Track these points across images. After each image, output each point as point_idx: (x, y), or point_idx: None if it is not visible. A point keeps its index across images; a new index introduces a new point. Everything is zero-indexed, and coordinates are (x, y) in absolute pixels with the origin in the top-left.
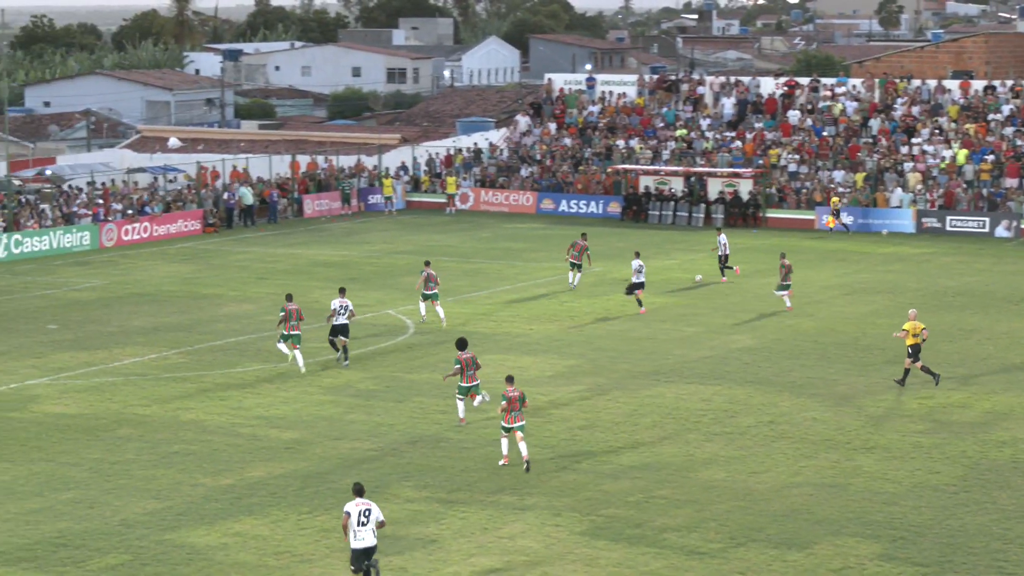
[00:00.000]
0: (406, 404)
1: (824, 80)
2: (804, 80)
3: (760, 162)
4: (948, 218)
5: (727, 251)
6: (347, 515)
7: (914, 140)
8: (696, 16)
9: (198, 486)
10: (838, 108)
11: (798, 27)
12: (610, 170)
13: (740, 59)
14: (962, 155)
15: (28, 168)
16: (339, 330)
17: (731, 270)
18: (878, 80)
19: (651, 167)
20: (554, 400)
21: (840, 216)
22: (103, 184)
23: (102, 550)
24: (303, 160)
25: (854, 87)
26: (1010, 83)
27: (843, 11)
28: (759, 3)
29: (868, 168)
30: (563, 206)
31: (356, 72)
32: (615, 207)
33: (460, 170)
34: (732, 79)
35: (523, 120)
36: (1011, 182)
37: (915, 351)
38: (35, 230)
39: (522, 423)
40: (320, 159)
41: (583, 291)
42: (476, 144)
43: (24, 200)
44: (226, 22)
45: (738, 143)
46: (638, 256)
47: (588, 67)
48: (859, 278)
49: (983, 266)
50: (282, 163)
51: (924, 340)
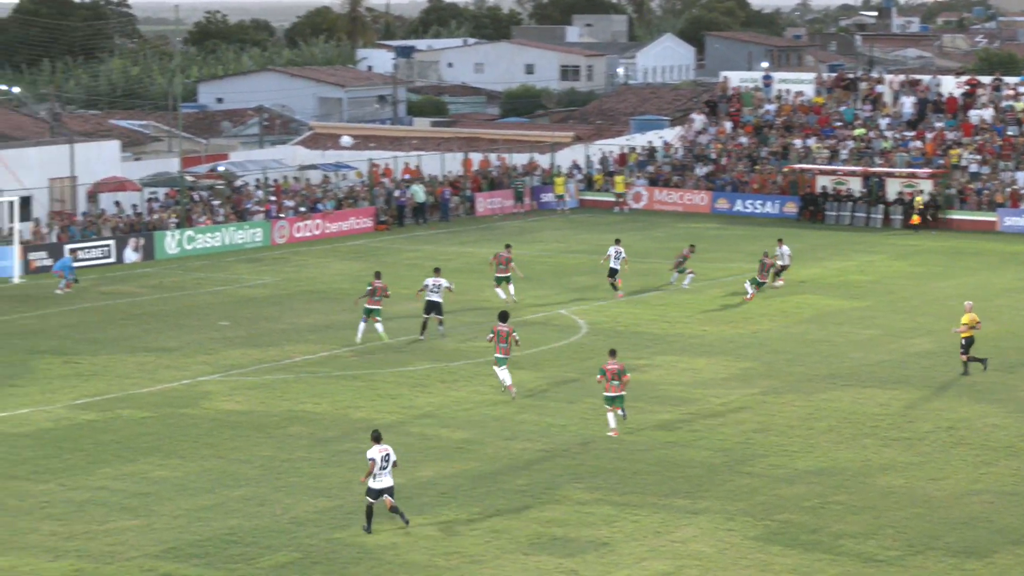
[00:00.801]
0: (578, 405)
1: (1007, 79)
2: (986, 79)
3: (940, 162)
4: None
5: (788, 263)
6: (372, 461)
7: None
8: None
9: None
10: (1021, 107)
11: (980, 24)
12: (786, 169)
13: (920, 57)
14: None
15: (201, 164)
16: (432, 307)
17: (776, 280)
18: None
19: (828, 167)
20: (728, 403)
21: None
22: (275, 181)
23: (272, 548)
24: (475, 158)
25: None
26: None
27: None
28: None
29: None
30: (738, 206)
31: (529, 69)
32: (791, 207)
33: (634, 168)
34: (912, 77)
35: (698, 118)
36: None
37: (968, 344)
38: (208, 227)
39: (622, 394)
40: (492, 157)
41: (760, 292)
42: (650, 142)
43: (197, 197)
44: (399, 19)
45: (918, 143)
46: (618, 243)
47: (764, 65)
48: None
49: None
50: (454, 161)
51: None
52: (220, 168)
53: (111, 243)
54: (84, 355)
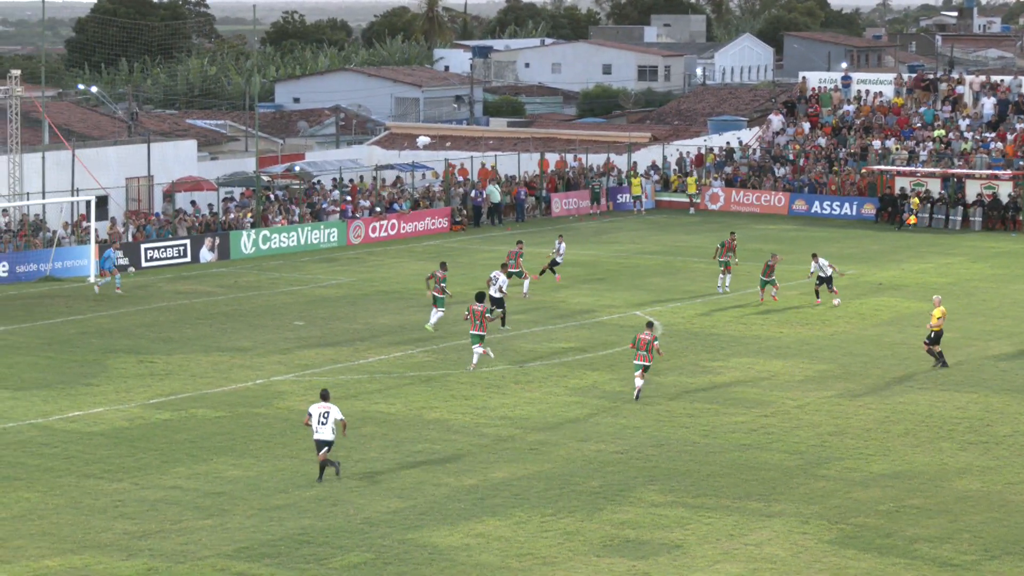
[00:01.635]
0: (652, 407)
1: None
2: None
3: (1021, 163)
4: None
5: (827, 272)
6: (309, 415)
7: None
8: (956, 13)
9: (441, 486)
10: None
11: None
12: (865, 171)
13: (1001, 57)
14: None
15: (277, 164)
16: (493, 302)
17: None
18: None
19: (907, 168)
20: (803, 405)
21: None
22: (351, 181)
23: (344, 548)
24: (552, 158)
25: None
26: None
27: None
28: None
29: None
30: (816, 207)
31: (607, 69)
32: (869, 209)
33: (711, 169)
34: (993, 78)
35: (776, 119)
36: None
37: (937, 337)
38: (283, 226)
39: (647, 364)
40: (569, 157)
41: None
42: (728, 143)
43: (273, 196)
44: (476, 19)
45: (998, 144)
46: (561, 239)
47: (844, 65)
48: None
49: None
50: (531, 161)
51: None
52: (296, 168)
53: (187, 243)
54: (159, 354)
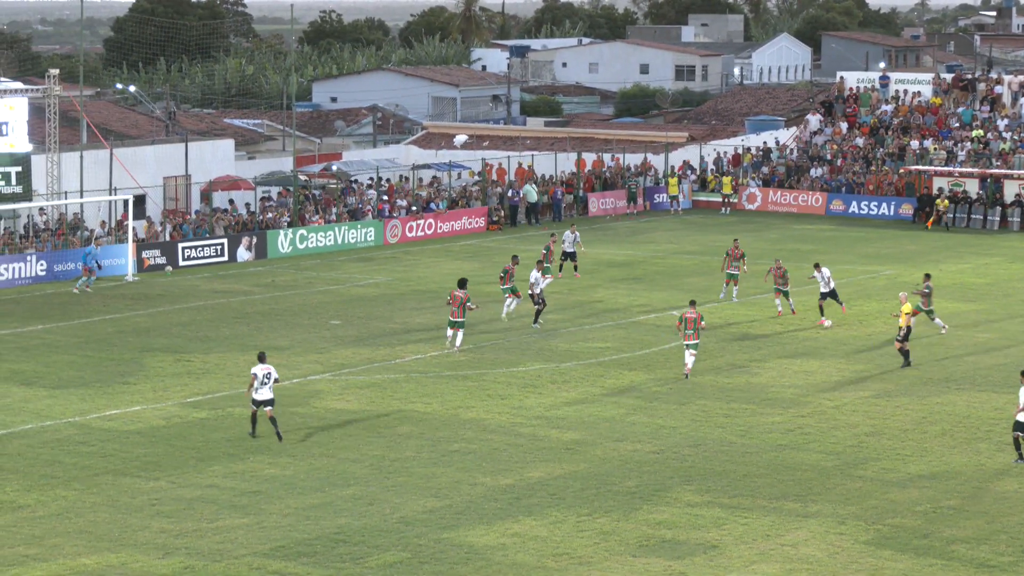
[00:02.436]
0: (689, 407)
1: None
2: None
3: None
4: None
5: (830, 286)
6: (254, 376)
7: None
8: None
9: (477, 485)
10: None
11: None
12: (903, 171)
13: None
14: None
15: (314, 163)
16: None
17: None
18: None
19: (945, 168)
20: (840, 405)
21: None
22: (388, 180)
23: (381, 547)
24: (589, 158)
25: None
26: None
27: None
28: None
29: None
30: (853, 207)
31: (644, 69)
32: (907, 209)
33: (748, 169)
34: None
35: (814, 119)
36: None
37: (907, 333)
38: (320, 225)
39: (696, 342)
40: (606, 157)
41: (874, 294)
42: (765, 143)
43: (310, 195)
44: (513, 18)
45: None
46: (574, 229)
47: (882, 65)
48: None
49: None
50: (568, 161)
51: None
52: (333, 167)
53: (224, 241)
54: (196, 353)
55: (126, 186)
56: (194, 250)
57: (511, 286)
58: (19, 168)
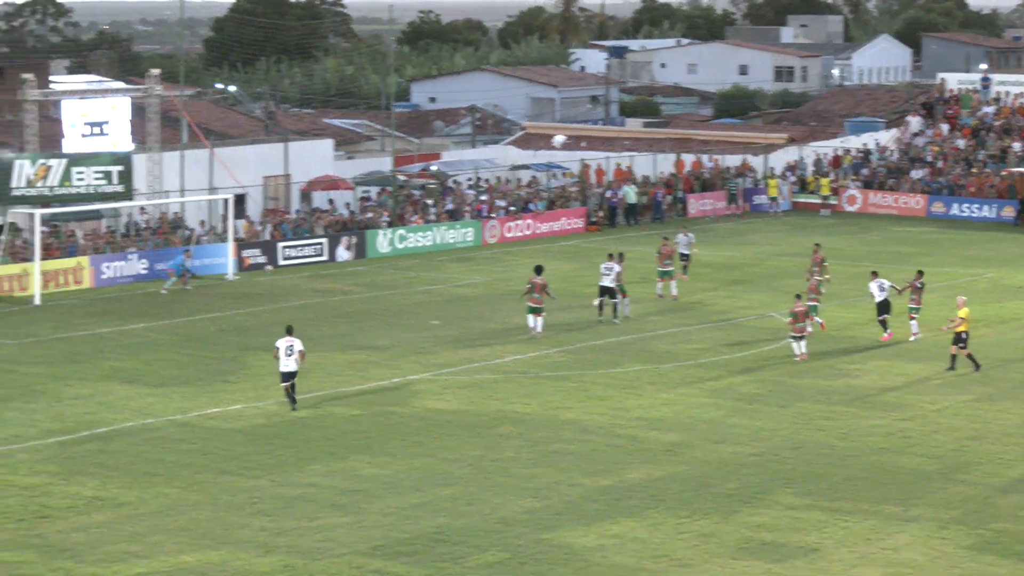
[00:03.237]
0: (789, 409)
1: None
2: None
3: None
4: None
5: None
6: (277, 348)
7: None
8: None
9: (576, 486)
10: None
11: None
12: (1004, 173)
13: None
14: None
15: (413, 164)
16: (605, 291)
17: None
18: None
19: None
20: (941, 409)
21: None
22: (487, 180)
23: (480, 547)
24: (687, 159)
25: None
26: None
27: None
28: None
29: None
30: (954, 210)
31: (743, 70)
32: (1009, 211)
33: (848, 171)
34: None
35: (914, 120)
36: None
37: (959, 338)
38: (419, 225)
39: (807, 334)
40: (705, 158)
41: (975, 297)
42: (865, 144)
43: (409, 195)
44: (612, 18)
45: None
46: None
47: (983, 66)
48: None
49: None
50: (666, 162)
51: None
52: (432, 167)
53: (323, 241)
54: None
55: (226, 185)
56: (294, 249)
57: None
58: (121, 167)
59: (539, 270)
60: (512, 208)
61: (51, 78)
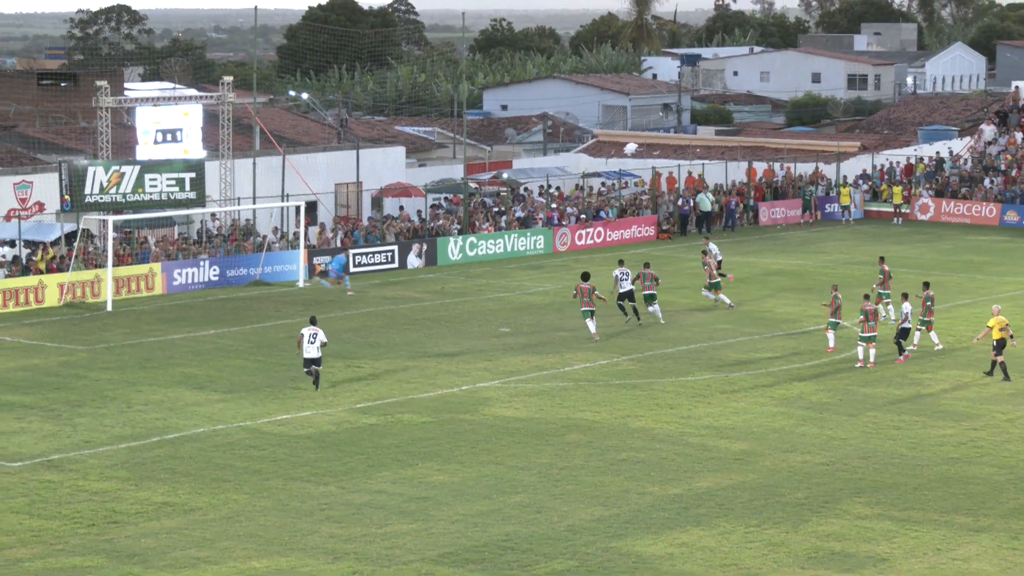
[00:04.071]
0: (859, 418)
1: None
2: None
3: None
4: None
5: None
6: (301, 336)
7: None
8: None
9: (645, 494)
10: None
11: None
12: None
13: None
14: None
15: (485, 171)
16: (626, 295)
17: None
18: None
19: None
20: (1014, 419)
21: None
22: (558, 188)
23: (548, 555)
24: (759, 167)
25: None
26: None
27: None
28: None
29: None
30: None
31: (816, 78)
32: None
33: (920, 179)
34: None
35: (988, 129)
36: None
37: (1000, 345)
38: (490, 233)
39: (875, 334)
40: (777, 166)
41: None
42: (938, 153)
43: (480, 203)
44: (684, 27)
45: None
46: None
47: None
48: None
49: None
50: (738, 170)
51: (1011, 336)
52: (503, 175)
53: (394, 248)
54: (366, 359)
55: (298, 192)
56: (365, 256)
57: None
58: (193, 174)
59: (586, 276)
60: (583, 216)
61: (125, 85)
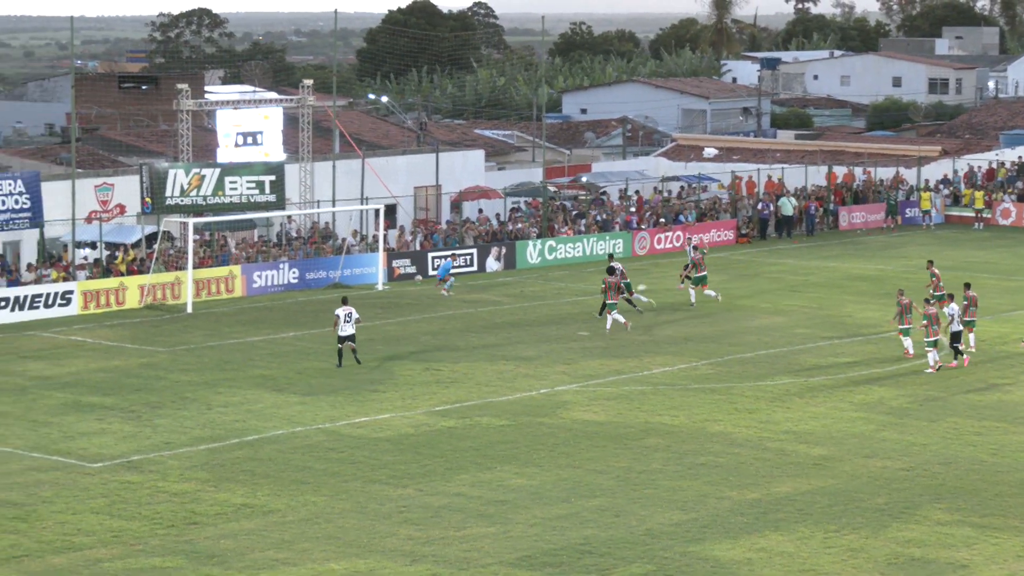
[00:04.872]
0: (940, 424)
1: None
2: None
3: None
4: None
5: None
6: (337, 316)
7: None
8: None
9: (724, 499)
10: None
11: None
12: None
13: None
14: None
15: (564, 175)
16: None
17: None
18: None
19: None
20: None
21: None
22: (637, 192)
23: (626, 559)
24: (839, 171)
25: None
26: None
27: None
28: None
29: None
30: None
31: (896, 82)
32: None
33: (1003, 184)
34: None
35: None
36: None
37: None
38: (569, 236)
39: (939, 338)
40: (857, 170)
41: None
42: (1020, 157)
43: (559, 206)
44: (764, 30)
45: None
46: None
47: None
48: None
49: None
50: (818, 174)
51: None
52: (583, 178)
53: (473, 251)
54: (445, 362)
55: (377, 195)
56: (444, 260)
57: (611, 303)
58: (273, 177)
59: (611, 271)
60: (662, 220)
61: (206, 88)
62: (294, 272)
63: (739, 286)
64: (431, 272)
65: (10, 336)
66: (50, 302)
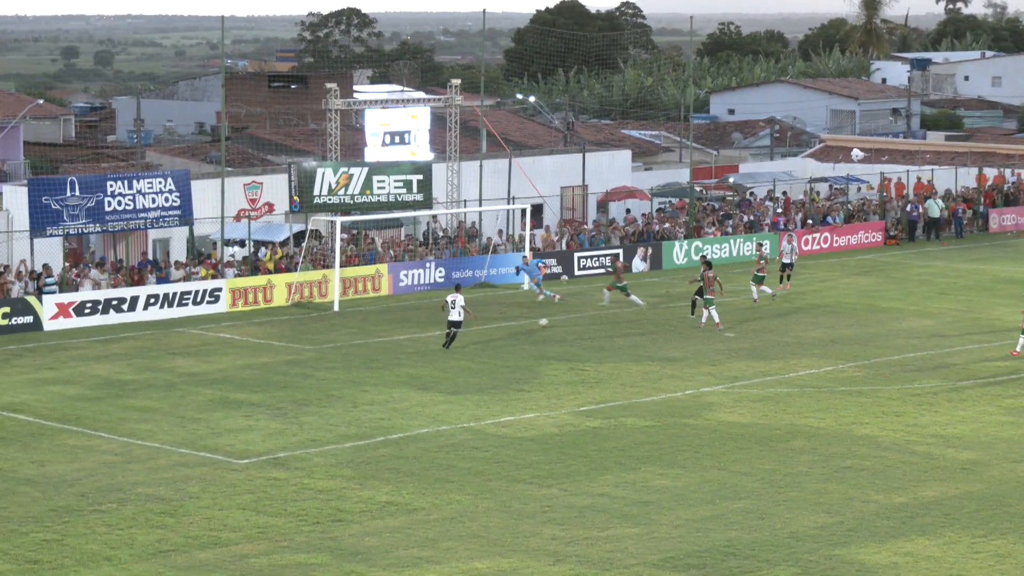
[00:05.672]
0: None
1: None
2: None
3: None
4: None
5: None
6: (445, 301)
7: None
8: None
9: (870, 503)
10: None
11: None
12: None
13: None
14: None
15: (711, 175)
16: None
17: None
18: None
19: None
20: None
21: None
22: (784, 193)
23: (771, 562)
24: (990, 173)
25: None
26: None
27: None
28: None
29: None
30: None
31: None
32: None
33: None
34: None
35: None
36: None
37: None
38: (716, 237)
39: None
40: (1008, 172)
41: None
42: None
43: (707, 207)
44: (914, 30)
45: None
46: (790, 239)
47: None
48: None
49: None
50: (968, 176)
51: None
52: (730, 179)
53: (619, 252)
54: (590, 362)
55: (524, 195)
56: (590, 260)
57: (708, 298)
58: (420, 176)
59: (709, 265)
60: (810, 221)
61: (354, 88)
62: (440, 271)
63: (887, 288)
64: (576, 272)
65: (159, 332)
66: (199, 299)
